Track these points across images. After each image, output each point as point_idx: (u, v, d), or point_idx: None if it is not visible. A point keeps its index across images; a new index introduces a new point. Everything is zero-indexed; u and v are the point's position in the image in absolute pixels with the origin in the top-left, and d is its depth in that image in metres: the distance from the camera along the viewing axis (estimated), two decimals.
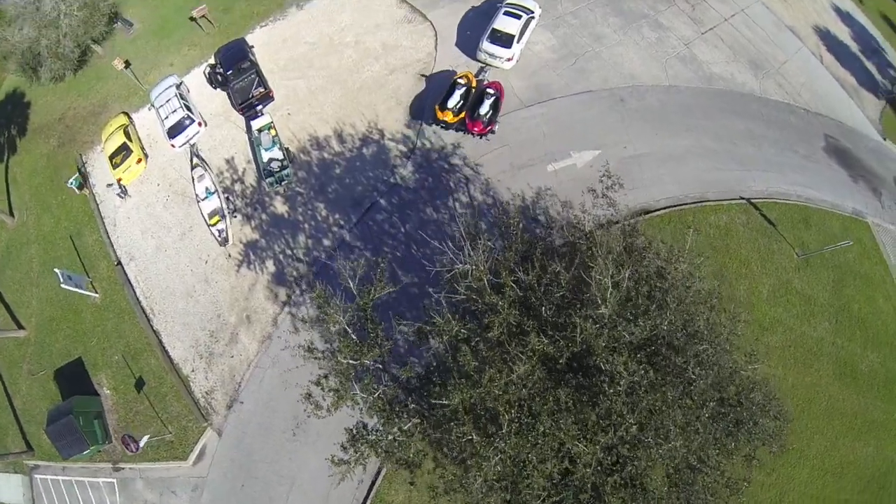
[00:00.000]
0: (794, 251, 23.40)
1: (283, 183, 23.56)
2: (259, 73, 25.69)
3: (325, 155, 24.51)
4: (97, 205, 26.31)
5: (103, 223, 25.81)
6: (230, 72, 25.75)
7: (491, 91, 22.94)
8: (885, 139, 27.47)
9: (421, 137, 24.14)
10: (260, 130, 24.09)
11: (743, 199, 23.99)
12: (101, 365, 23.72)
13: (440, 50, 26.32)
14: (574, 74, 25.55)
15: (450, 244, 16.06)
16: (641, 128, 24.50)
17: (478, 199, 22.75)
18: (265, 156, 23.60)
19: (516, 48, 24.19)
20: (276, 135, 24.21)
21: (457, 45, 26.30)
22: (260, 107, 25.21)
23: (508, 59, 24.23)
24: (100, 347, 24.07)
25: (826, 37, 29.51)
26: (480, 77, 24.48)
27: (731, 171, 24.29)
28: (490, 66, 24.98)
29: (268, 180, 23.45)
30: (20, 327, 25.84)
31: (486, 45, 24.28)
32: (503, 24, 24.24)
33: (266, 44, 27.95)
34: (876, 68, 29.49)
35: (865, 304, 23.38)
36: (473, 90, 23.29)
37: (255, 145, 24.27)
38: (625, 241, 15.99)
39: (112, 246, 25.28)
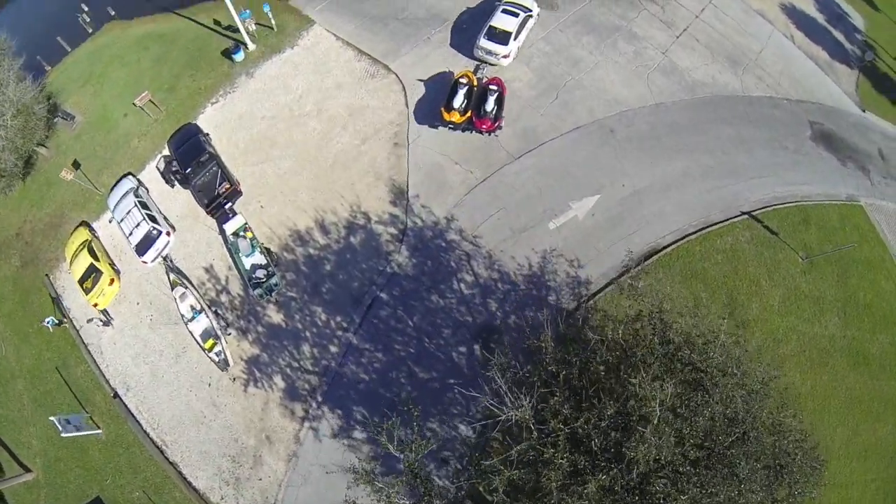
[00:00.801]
0: (798, 256, 22.59)
1: (273, 293, 21.59)
2: (221, 165, 23.18)
3: (311, 251, 22.47)
4: (77, 331, 24.12)
5: (89, 352, 23.71)
6: (188, 169, 23.14)
7: (494, 87, 22.72)
8: (864, 111, 26.58)
9: (410, 216, 22.17)
10: (235, 234, 21.89)
11: (744, 213, 22.99)
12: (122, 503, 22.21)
13: (413, 105, 23.97)
14: (558, 111, 23.66)
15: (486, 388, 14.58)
16: (636, 158, 22.94)
17: (482, 276, 21.13)
18: (246, 263, 21.56)
19: (513, 45, 23.98)
20: (254, 237, 22.08)
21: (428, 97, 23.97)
22: (229, 205, 22.84)
23: (505, 56, 23.99)
24: (116, 485, 22.49)
25: (793, 13, 28.10)
26: (479, 75, 23.96)
27: (729, 186, 23.17)
28: (487, 63, 24.44)
29: (255, 292, 21.50)
30: (26, 470, 24.04)
31: (483, 41, 24.03)
32: (500, 21, 24.08)
33: (220, 125, 25.27)
34: (844, 35, 28.35)
35: (869, 289, 22.99)
36: (476, 88, 23.06)
37: (232, 252, 22.14)
38: (661, 343, 14.69)
39: (104, 376, 23.30)
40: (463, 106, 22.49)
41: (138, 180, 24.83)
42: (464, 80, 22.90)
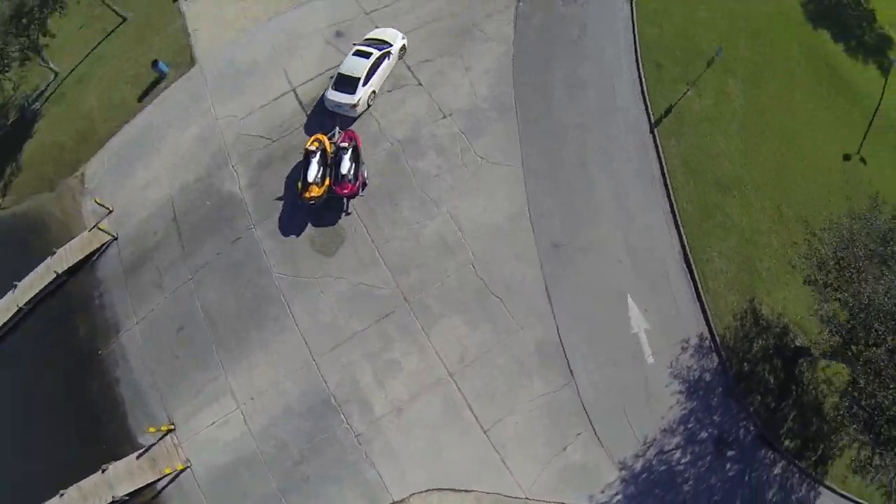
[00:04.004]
0: None
1: None
2: None
3: None
4: None
5: None
6: None
7: (345, 145, 19.13)
8: None
9: None
10: None
11: None
12: None
13: None
14: None
15: None
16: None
17: None
18: None
19: (362, 92, 19.97)
20: None
21: None
22: None
23: (353, 106, 19.94)
24: None
25: None
26: (332, 135, 20.21)
27: None
28: (340, 115, 20.64)
29: None
30: None
31: (330, 93, 20.14)
32: (349, 66, 20.16)
33: None
34: None
35: None
36: (330, 152, 19.35)
37: None
38: None
39: None
40: (320, 176, 18.68)
41: None
42: (314, 147, 19.15)
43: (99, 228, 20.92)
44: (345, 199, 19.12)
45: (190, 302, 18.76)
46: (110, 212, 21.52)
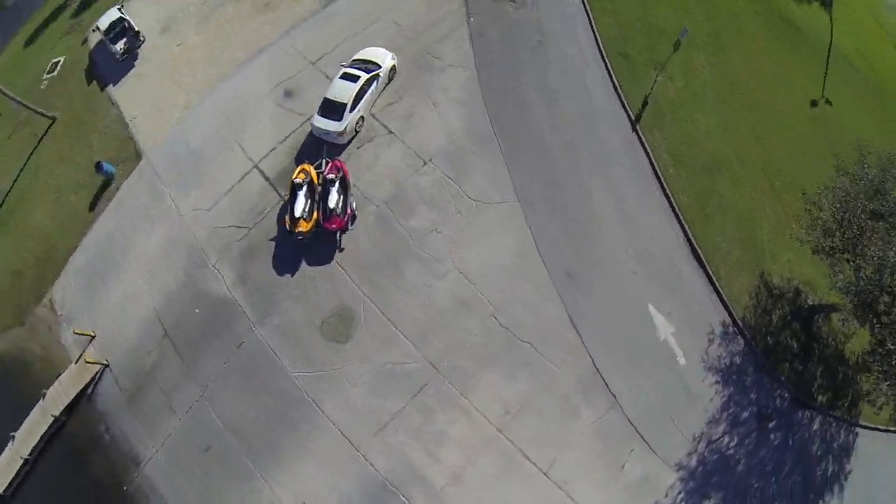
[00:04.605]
0: None
1: None
2: None
3: None
4: None
5: None
6: None
7: (332, 176, 17.99)
8: None
9: None
10: None
11: None
12: None
13: None
14: None
15: None
16: None
17: None
18: None
19: (349, 118, 18.73)
20: None
21: None
22: None
23: (340, 134, 18.77)
24: None
25: None
26: (318, 164, 19.02)
27: None
28: (326, 142, 19.41)
29: None
30: None
31: (316, 119, 18.93)
32: (336, 91, 18.86)
33: None
34: None
35: None
36: (317, 183, 18.26)
37: None
38: None
39: None
40: (307, 209, 17.63)
41: None
42: (300, 180, 17.99)
43: (87, 361, 19.11)
44: (338, 234, 17.96)
45: (209, 420, 17.38)
46: (93, 337, 19.64)
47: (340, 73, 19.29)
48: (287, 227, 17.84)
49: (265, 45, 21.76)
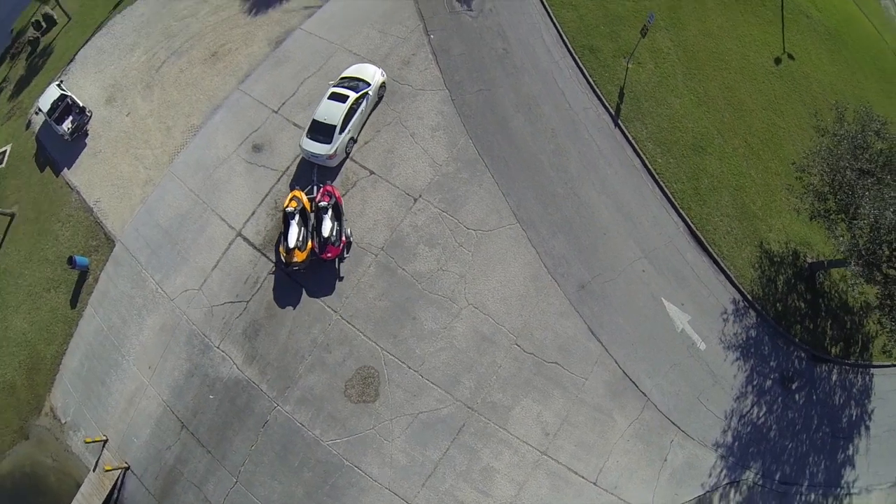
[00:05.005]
0: None
1: None
2: None
3: None
4: None
5: None
6: None
7: (324, 203, 17.23)
8: None
9: None
10: None
11: None
12: None
13: None
14: None
15: None
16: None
17: None
18: None
19: (339, 140, 17.97)
20: None
21: None
22: None
23: (330, 157, 18.01)
24: None
25: None
26: (309, 190, 18.34)
27: None
28: (317, 165, 18.65)
29: None
30: None
31: (305, 142, 18.12)
32: (325, 112, 18.03)
33: None
34: None
35: None
36: (310, 210, 17.58)
37: None
38: None
39: None
40: (302, 239, 16.88)
41: None
42: (291, 209, 17.18)
43: (105, 469, 18.07)
44: (336, 261, 17.35)
45: None
46: (106, 441, 18.58)
47: (328, 92, 18.42)
48: (283, 259, 17.07)
49: (220, 99, 20.40)
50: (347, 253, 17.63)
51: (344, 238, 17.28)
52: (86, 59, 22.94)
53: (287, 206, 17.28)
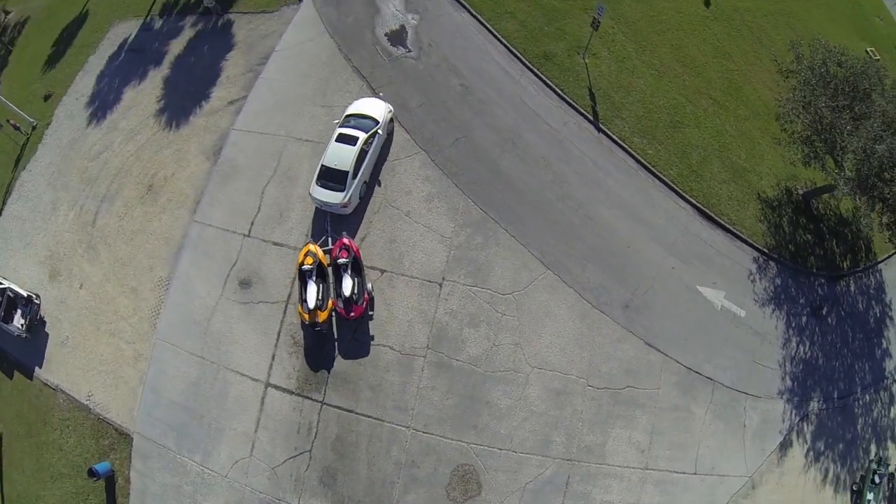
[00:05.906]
0: None
1: None
2: None
3: None
4: None
5: None
6: None
7: (343, 260, 16.02)
8: None
9: None
10: None
11: None
12: None
13: None
14: None
15: None
16: None
17: None
18: None
19: (352, 186, 16.46)
20: None
21: None
22: None
23: (344, 205, 16.62)
24: None
25: None
26: (323, 242, 17.06)
27: None
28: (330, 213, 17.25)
29: None
30: None
31: (315, 190, 16.62)
32: (335, 156, 16.44)
33: None
34: None
35: None
36: (326, 265, 16.41)
37: None
38: None
39: None
40: (321, 299, 15.78)
41: None
42: (308, 265, 15.90)
43: None
44: (364, 321, 16.28)
45: None
46: None
47: (335, 134, 16.66)
48: (306, 321, 15.94)
49: (179, 240, 17.63)
50: (372, 310, 16.48)
51: (367, 295, 16.11)
52: (7, 234, 19.11)
53: (303, 263, 15.93)
